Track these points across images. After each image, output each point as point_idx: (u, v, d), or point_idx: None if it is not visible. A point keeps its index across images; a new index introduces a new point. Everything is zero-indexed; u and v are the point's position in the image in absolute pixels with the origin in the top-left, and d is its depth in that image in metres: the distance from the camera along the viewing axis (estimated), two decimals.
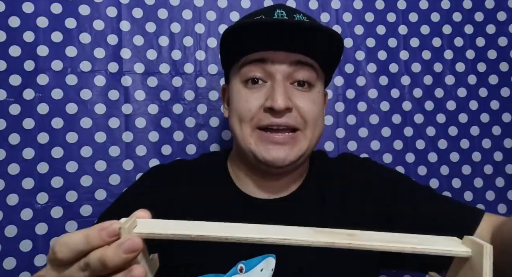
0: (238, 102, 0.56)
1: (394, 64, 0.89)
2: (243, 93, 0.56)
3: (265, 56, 0.54)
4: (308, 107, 0.55)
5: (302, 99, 0.55)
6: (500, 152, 0.90)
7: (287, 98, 0.53)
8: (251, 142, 0.55)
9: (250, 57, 0.55)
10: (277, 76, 0.54)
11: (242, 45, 0.55)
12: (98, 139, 0.78)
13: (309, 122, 0.55)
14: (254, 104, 0.54)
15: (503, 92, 0.91)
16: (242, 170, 0.61)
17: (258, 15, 0.56)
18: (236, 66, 0.57)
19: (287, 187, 0.61)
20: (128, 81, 0.81)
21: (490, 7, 0.92)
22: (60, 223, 0.75)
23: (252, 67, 0.55)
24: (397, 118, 0.88)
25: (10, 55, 0.76)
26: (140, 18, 0.82)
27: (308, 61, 0.55)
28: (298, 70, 0.55)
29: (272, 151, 0.53)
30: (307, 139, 0.56)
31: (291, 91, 0.55)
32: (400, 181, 0.64)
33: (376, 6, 0.89)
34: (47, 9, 0.78)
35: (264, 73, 0.55)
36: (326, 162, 0.67)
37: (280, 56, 0.54)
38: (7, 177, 0.74)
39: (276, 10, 0.56)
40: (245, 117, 0.55)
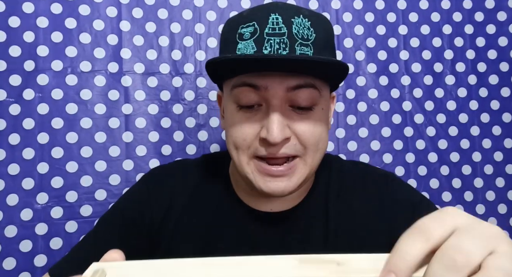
0: (232, 127, 0.51)
1: (394, 64, 0.89)
2: (236, 119, 0.50)
3: (258, 83, 0.47)
4: (309, 133, 0.49)
5: (301, 125, 0.49)
6: (500, 152, 0.90)
7: (284, 127, 0.47)
8: (248, 172, 0.50)
9: (241, 79, 0.48)
10: (274, 101, 0.47)
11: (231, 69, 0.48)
12: (98, 139, 0.78)
13: (309, 148, 0.50)
14: (249, 133, 0.49)
15: (503, 92, 0.91)
16: (241, 185, 0.58)
17: (251, 22, 0.48)
18: (228, 82, 0.51)
19: (289, 200, 0.57)
20: (128, 81, 0.81)
21: (490, 7, 0.92)
22: (60, 223, 0.75)
23: (244, 92, 0.48)
24: (397, 118, 0.88)
25: (10, 55, 0.76)
26: (140, 18, 0.82)
27: (308, 82, 0.48)
28: (298, 94, 0.48)
29: (270, 184, 0.49)
30: (307, 166, 0.51)
31: (290, 115, 0.48)
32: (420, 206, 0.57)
33: (376, 6, 0.89)
34: (47, 9, 0.78)
35: (258, 98, 0.48)
36: (337, 173, 0.61)
37: (274, 81, 0.47)
38: (7, 177, 0.74)
39: (271, 15, 0.48)
40: (241, 146, 0.50)
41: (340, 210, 0.57)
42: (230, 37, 0.50)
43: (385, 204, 0.58)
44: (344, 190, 0.59)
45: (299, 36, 0.47)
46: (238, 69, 0.48)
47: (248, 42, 0.48)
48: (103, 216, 0.61)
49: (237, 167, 0.52)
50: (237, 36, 0.49)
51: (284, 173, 0.49)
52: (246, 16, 0.50)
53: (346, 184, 0.60)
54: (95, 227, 0.60)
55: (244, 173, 0.51)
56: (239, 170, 0.52)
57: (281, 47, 0.47)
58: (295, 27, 0.48)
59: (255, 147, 0.49)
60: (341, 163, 0.64)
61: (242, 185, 0.58)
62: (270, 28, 0.47)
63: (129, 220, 0.57)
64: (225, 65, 0.47)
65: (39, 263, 0.74)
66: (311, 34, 0.49)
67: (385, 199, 0.58)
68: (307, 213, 0.57)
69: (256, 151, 0.49)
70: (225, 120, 0.54)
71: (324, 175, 0.60)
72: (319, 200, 0.58)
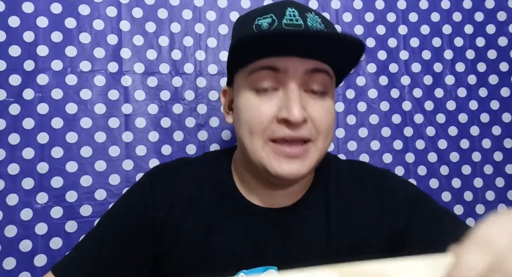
0: (248, 112, 0.51)
1: (394, 64, 0.89)
2: (253, 102, 0.51)
3: (278, 65, 0.49)
4: (323, 118, 0.51)
5: (316, 109, 0.50)
6: (500, 152, 0.90)
7: (303, 109, 0.49)
8: (262, 156, 0.50)
9: (260, 63, 0.50)
10: (291, 85, 0.49)
11: (252, 51, 0.50)
12: (98, 139, 0.78)
13: (322, 132, 0.51)
14: (267, 115, 0.49)
15: (503, 92, 0.91)
16: (246, 178, 0.58)
17: (267, 14, 0.51)
18: (243, 71, 0.52)
19: (291, 195, 0.58)
20: (128, 81, 0.81)
21: (490, 7, 0.92)
22: (60, 223, 0.75)
23: (263, 75, 0.50)
24: (397, 118, 0.88)
25: (10, 55, 0.76)
26: (140, 18, 0.82)
27: (323, 67, 0.51)
28: (313, 78, 0.50)
29: (285, 165, 0.50)
30: (318, 151, 0.52)
31: (306, 100, 0.50)
32: (419, 201, 0.59)
33: (376, 6, 0.89)
34: (47, 9, 0.78)
35: (276, 82, 0.50)
36: (336, 170, 0.62)
37: (294, 63, 0.49)
38: (7, 177, 0.74)
39: (287, 9, 0.51)
40: (256, 129, 0.50)
41: (341, 205, 0.58)
42: (245, 29, 0.52)
43: (384, 199, 0.59)
44: (343, 185, 0.60)
45: (313, 29, 0.50)
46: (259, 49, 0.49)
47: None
48: (105, 214, 0.61)
49: (250, 154, 0.52)
50: (254, 27, 0.51)
51: (299, 154, 0.50)
52: (261, 10, 0.53)
53: (344, 180, 0.61)
54: (97, 226, 0.60)
55: (257, 158, 0.51)
56: (251, 157, 0.52)
57: None
58: (309, 21, 0.51)
59: (271, 130, 0.50)
60: (339, 161, 0.66)
61: (246, 179, 0.58)
62: (288, 19, 0.50)
63: (133, 218, 0.57)
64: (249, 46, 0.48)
65: (39, 263, 0.74)
66: (323, 29, 0.52)
67: (384, 194, 0.59)
68: (308, 209, 0.58)
69: (273, 133, 0.50)
70: (237, 108, 0.55)
71: (323, 171, 0.61)
72: (320, 196, 0.59)
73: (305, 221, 0.57)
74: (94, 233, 0.58)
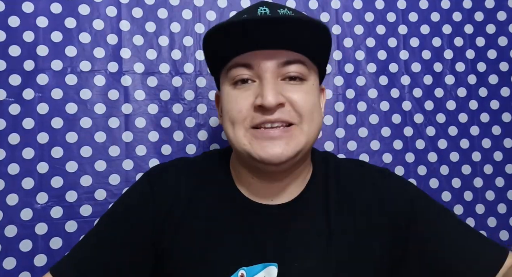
0: (228, 104, 0.54)
1: (394, 64, 0.89)
2: (232, 95, 0.53)
3: (250, 61, 0.52)
4: (302, 100, 0.52)
5: (294, 92, 0.52)
6: (500, 152, 0.90)
7: (278, 94, 0.51)
8: (245, 143, 0.52)
9: (235, 61, 0.53)
10: (266, 75, 0.51)
11: (224, 49, 0.53)
12: (98, 139, 0.78)
13: (304, 115, 0.52)
14: (244, 104, 0.52)
15: (503, 92, 0.91)
16: (243, 174, 0.59)
17: (241, 15, 0.54)
18: (223, 70, 0.56)
19: (289, 191, 0.58)
20: (128, 81, 0.81)
21: (490, 7, 0.92)
22: (60, 223, 0.75)
23: (239, 70, 0.53)
24: (397, 118, 0.88)
25: (10, 55, 0.76)
26: (140, 18, 0.82)
27: (296, 58, 0.53)
28: (288, 69, 0.52)
29: (268, 148, 0.50)
30: (304, 134, 0.52)
31: (283, 86, 0.52)
32: (418, 200, 0.60)
33: (376, 6, 0.89)
34: (47, 9, 0.78)
35: (252, 74, 0.52)
36: (334, 167, 0.63)
37: (266, 57, 0.51)
38: (7, 177, 0.74)
39: (259, 8, 0.54)
40: (236, 119, 0.52)
41: (340, 203, 0.58)
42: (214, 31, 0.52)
43: (384, 198, 0.59)
44: (343, 183, 0.60)
45: None
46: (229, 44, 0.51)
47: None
48: (105, 214, 0.61)
49: (234, 143, 0.54)
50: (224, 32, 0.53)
51: (282, 135, 0.51)
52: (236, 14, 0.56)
53: (344, 177, 0.61)
54: (97, 226, 0.60)
55: (241, 146, 0.53)
56: (236, 146, 0.54)
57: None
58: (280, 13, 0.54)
59: (251, 117, 0.52)
60: (337, 158, 0.66)
61: (244, 177, 0.59)
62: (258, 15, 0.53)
63: (133, 218, 0.57)
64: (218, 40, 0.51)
65: (39, 263, 0.74)
66: None
67: (383, 193, 0.60)
68: (308, 205, 0.58)
69: (252, 120, 0.52)
70: (222, 105, 0.57)
71: (321, 167, 0.62)
72: (319, 192, 0.59)
73: (304, 218, 0.57)
74: (93, 234, 0.58)
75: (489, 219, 0.88)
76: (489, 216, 0.89)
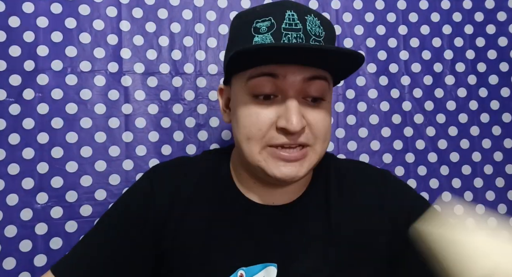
0: (246, 118, 0.51)
1: (394, 64, 0.89)
2: (252, 109, 0.51)
3: (277, 71, 0.50)
4: (320, 124, 0.52)
5: (314, 115, 0.51)
6: (500, 152, 0.90)
7: (302, 118, 0.50)
8: (260, 160, 0.51)
9: (259, 70, 0.50)
10: (290, 92, 0.50)
11: (251, 60, 0.50)
12: (98, 139, 0.78)
13: (320, 137, 0.52)
14: (266, 123, 0.50)
15: (503, 92, 0.91)
16: (244, 177, 0.59)
17: (267, 16, 0.51)
18: (242, 75, 0.52)
19: (290, 193, 0.59)
20: (128, 81, 0.81)
21: (490, 7, 0.92)
22: (60, 223, 0.75)
23: (262, 81, 0.50)
24: (397, 118, 0.88)
25: (10, 55, 0.76)
26: (140, 18, 0.82)
27: (322, 74, 0.51)
28: (311, 85, 0.51)
29: (283, 168, 0.51)
30: (317, 154, 0.53)
31: (303, 107, 0.51)
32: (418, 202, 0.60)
33: (376, 6, 0.89)
34: (47, 9, 0.78)
35: (275, 88, 0.50)
36: (335, 168, 0.63)
37: (292, 71, 0.50)
38: (7, 177, 0.74)
39: (287, 12, 0.51)
40: (255, 136, 0.51)
41: (341, 204, 0.58)
42: (244, 30, 0.52)
43: (384, 200, 0.59)
44: (344, 184, 0.60)
45: (312, 33, 0.51)
46: (258, 58, 0.49)
47: (265, 36, 0.50)
48: (105, 213, 0.61)
49: (247, 157, 0.53)
50: (252, 30, 0.51)
51: (297, 158, 0.51)
52: (260, 11, 0.52)
53: (344, 179, 0.61)
54: (97, 225, 0.59)
55: (255, 161, 0.52)
56: (249, 161, 0.53)
57: (298, 41, 0.49)
58: (309, 24, 0.51)
59: (270, 136, 0.51)
60: (338, 160, 0.66)
61: (244, 178, 0.59)
62: (287, 23, 0.50)
63: (133, 218, 0.57)
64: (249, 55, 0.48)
65: (39, 263, 0.74)
66: (322, 32, 0.52)
67: (384, 195, 0.59)
68: (308, 206, 0.58)
69: (272, 140, 0.51)
70: (233, 113, 0.55)
71: (322, 170, 0.62)
72: (320, 194, 0.59)
73: (304, 219, 0.57)
74: (93, 233, 0.58)
75: (489, 219, 0.88)
76: (490, 217, 0.88)
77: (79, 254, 0.56)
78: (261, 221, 0.57)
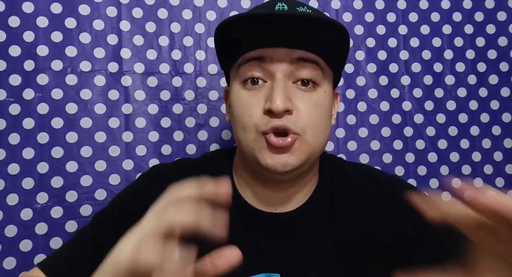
0: (238, 107, 0.52)
1: (394, 64, 0.89)
2: (242, 96, 0.52)
3: (264, 54, 0.50)
4: (309, 111, 0.50)
5: (304, 101, 0.50)
6: (500, 152, 0.90)
7: (287, 99, 0.48)
8: (254, 148, 0.51)
9: (247, 56, 0.51)
10: (277, 74, 0.49)
11: (238, 42, 0.51)
12: (98, 139, 0.78)
13: (309, 126, 0.50)
14: (255, 109, 0.50)
15: (503, 92, 0.91)
16: (246, 180, 0.57)
17: (258, 10, 0.52)
18: (234, 66, 0.54)
19: (294, 200, 0.57)
20: (128, 81, 0.81)
21: (490, 7, 0.92)
22: (60, 223, 0.75)
23: (250, 67, 0.51)
24: (397, 118, 0.88)
25: (10, 55, 0.76)
26: (140, 18, 0.82)
27: (311, 57, 0.50)
28: (301, 68, 0.50)
29: (275, 156, 0.50)
30: (309, 145, 0.51)
31: (293, 91, 0.50)
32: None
33: (376, 6, 0.89)
34: (47, 9, 0.78)
35: (263, 72, 0.50)
36: (341, 174, 0.60)
37: (280, 53, 0.50)
38: (7, 177, 0.74)
39: (277, 4, 0.52)
40: (247, 123, 0.51)
41: (346, 212, 0.57)
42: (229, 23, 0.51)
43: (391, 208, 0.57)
44: (350, 192, 0.58)
45: None
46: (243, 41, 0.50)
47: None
48: (100, 211, 0.60)
49: (244, 146, 0.52)
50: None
51: (287, 146, 0.49)
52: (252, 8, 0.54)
53: (350, 186, 0.59)
54: (92, 221, 0.59)
55: (250, 150, 0.51)
56: (245, 150, 0.52)
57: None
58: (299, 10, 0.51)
59: (261, 123, 0.50)
60: (344, 164, 0.64)
61: (247, 183, 0.57)
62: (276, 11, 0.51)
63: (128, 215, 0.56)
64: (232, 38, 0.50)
65: None
66: None
67: (391, 202, 0.57)
68: (313, 214, 0.57)
69: (262, 126, 0.50)
70: (231, 104, 0.55)
71: (327, 176, 0.60)
72: (324, 201, 0.58)
73: (308, 228, 0.56)
74: (88, 230, 0.58)
75: None
76: None
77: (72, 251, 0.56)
78: (264, 229, 0.56)
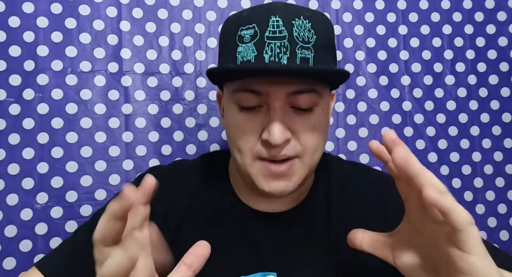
0: (234, 129, 0.51)
1: (394, 64, 0.89)
2: (238, 120, 0.50)
3: (259, 89, 0.48)
4: (308, 134, 0.50)
5: (302, 126, 0.49)
6: (500, 152, 0.90)
7: (285, 130, 0.48)
8: (251, 172, 0.51)
9: (242, 85, 0.49)
10: (274, 104, 0.48)
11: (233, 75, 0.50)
12: (98, 139, 0.78)
13: (308, 149, 0.50)
14: (252, 135, 0.49)
15: (503, 92, 0.91)
16: (241, 184, 0.58)
17: (251, 23, 0.48)
18: (229, 85, 0.52)
19: (291, 199, 0.57)
20: (128, 81, 0.81)
21: (490, 7, 0.92)
22: (60, 223, 0.75)
23: (245, 96, 0.49)
24: (397, 118, 0.88)
25: (10, 55, 0.76)
26: (140, 18, 0.82)
27: (309, 87, 0.49)
28: (298, 98, 0.48)
29: (272, 184, 0.50)
30: (306, 166, 0.51)
31: (290, 116, 0.49)
32: None
33: (376, 6, 0.89)
34: (47, 9, 0.78)
35: (260, 101, 0.49)
36: (338, 174, 0.61)
37: (276, 86, 0.48)
38: (7, 177, 0.74)
39: (271, 18, 0.48)
40: (244, 147, 0.50)
41: (343, 211, 0.57)
42: (230, 38, 0.50)
43: (388, 206, 0.57)
44: (346, 191, 0.59)
45: (299, 39, 0.47)
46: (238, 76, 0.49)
47: (248, 46, 0.48)
48: (97, 211, 0.60)
49: (241, 168, 0.52)
50: (237, 38, 0.49)
51: (285, 172, 0.49)
52: (246, 17, 0.50)
53: (347, 185, 0.59)
54: (90, 221, 0.59)
55: (248, 174, 0.51)
56: (242, 171, 0.52)
57: (281, 51, 0.47)
58: (296, 29, 0.48)
59: (257, 149, 0.49)
60: (341, 164, 0.64)
61: (242, 184, 0.58)
62: (271, 31, 0.47)
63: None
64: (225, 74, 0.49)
65: None
66: (312, 36, 0.48)
67: (388, 201, 0.58)
68: (308, 213, 0.57)
69: (258, 152, 0.49)
70: (225, 120, 0.55)
71: (324, 175, 0.60)
72: (320, 200, 0.58)
73: (304, 226, 0.56)
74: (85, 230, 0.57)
75: (489, 219, 0.88)
76: (489, 217, 0.88)
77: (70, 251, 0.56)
78: (260, 228, 0.56)
